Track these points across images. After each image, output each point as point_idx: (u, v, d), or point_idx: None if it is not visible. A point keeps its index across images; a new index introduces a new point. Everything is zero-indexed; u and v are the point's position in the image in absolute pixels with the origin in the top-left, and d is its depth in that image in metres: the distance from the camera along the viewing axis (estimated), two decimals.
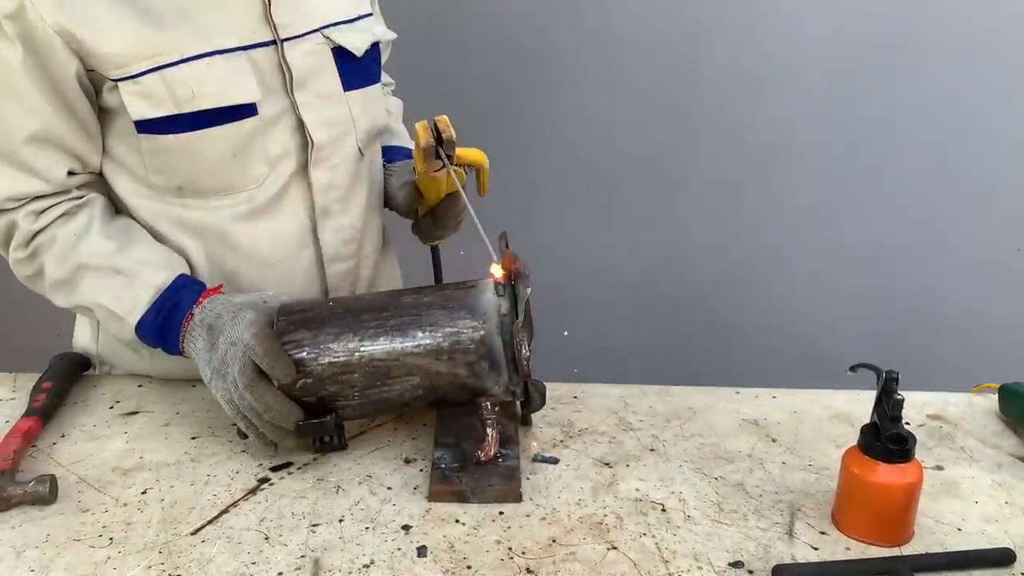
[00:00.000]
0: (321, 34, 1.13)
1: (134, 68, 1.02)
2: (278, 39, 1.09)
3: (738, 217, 2.27)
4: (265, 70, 1.08)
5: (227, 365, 0.98)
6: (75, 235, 1.07)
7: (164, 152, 1.06)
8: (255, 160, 1.10)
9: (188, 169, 1.08)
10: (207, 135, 1.06)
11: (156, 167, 1.08)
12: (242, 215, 1.12)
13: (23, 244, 1.08)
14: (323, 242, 1.18)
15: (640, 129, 2.22)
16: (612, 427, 1.11)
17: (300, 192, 1.15)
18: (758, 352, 2.28)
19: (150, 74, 1.02)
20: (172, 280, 1.06)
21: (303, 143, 1.13)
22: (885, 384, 0.89)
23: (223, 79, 1.05)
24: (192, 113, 1.04)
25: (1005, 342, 2.26)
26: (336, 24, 1.15)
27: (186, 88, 1.03)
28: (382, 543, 0.88)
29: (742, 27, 2.13)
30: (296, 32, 1.10)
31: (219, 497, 0.95)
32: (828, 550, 0.90)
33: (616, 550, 0.88)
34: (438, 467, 0.99)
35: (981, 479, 1.03)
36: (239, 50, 1.06)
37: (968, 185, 2.23)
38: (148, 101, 1.03)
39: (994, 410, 1.19)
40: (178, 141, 1.05)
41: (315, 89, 1.13)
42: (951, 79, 2.14)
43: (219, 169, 1.08)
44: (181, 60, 1.03)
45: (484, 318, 0.99)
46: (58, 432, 1.07)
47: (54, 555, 0.86)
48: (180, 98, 1.03)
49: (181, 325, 1.03)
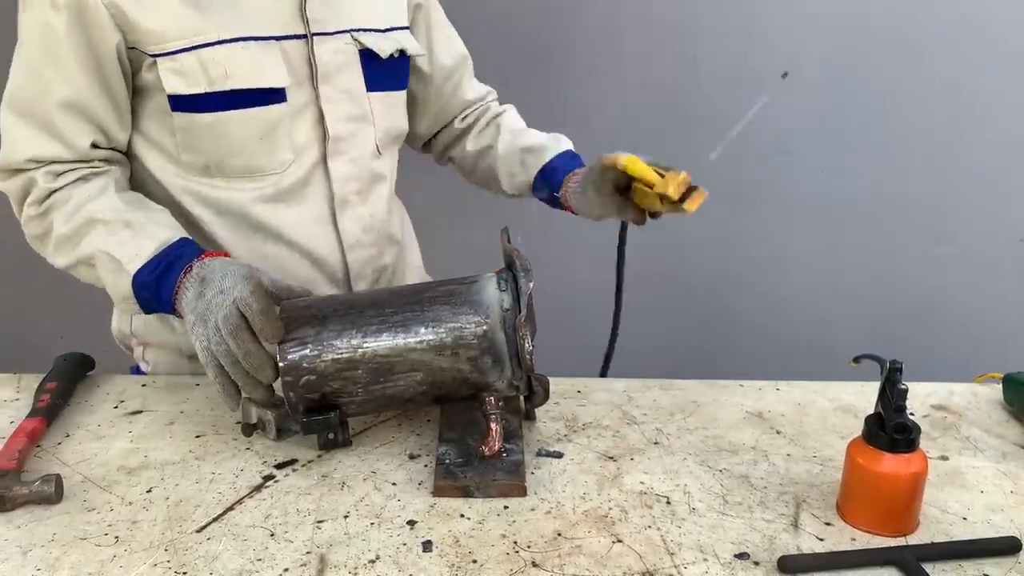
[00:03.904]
0: (351, 35, 1.18)
1: (172, 46, 1.07)
2: (309, 34, 1.14)
3: (740, 212, 2.27)
4: (295, 61, 1.14)
5: (212, 312, 0.98)
6: (89, 196, 1.10)
7: (195, 130, 1.11)
8: (281, 146, 1.15)
9: (217, 148, 1.12)
10: (237, 116, 1.11)
11: (187, 145, 1.12)
12: (267, 197, 1.17)
13: (37, 201, 1.11)
14: (342, 230, 1.23)
15: (640, 126, 2.22)
16: (616, 421, 1.11)
17: (321, 181, 1.20)
18: (761, 345, 2.28)
19: (186, 52, 1.07)
20: (178, 238, 1.08)
21: (324, 134, 1.18)
22: (889, 374, 0.89)
23: (255, 63, 1.10)
24: (223, 93, 1.09)
25: (1008, 332, 2.26)
26: (367, 30, 1.20)
27: (219, 67, 1.08)
28: (387, 538, 0.89)
29: (741, 24, 2.13)
30: (326, 29, 1.15)
31: (224, 495, 0.95)
32: (833, 541, 0.90)
33: (621, 543, 0.88)
34: (442, 462, 0.99)
35: (986, 468, 1.03)
36: (273, 39, 1.12)
37: (969, 176, 2.23)
38: (183, 78, 1.08)
39: (998, 399, 1.19)
40: (209, 119, 1.10)
41: (339, 85, 1.18)
42: (950, 72, 2.14)
43: (246, 151, 1.13)
44: (217, 41, 1.08)
45: (487, 313, 0.99)
46: (63, 432, 1.07)
47: (60, 554, 0.86)
48: (213, 77, 1.08)
49: (179, 277, 1.03)
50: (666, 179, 1.06)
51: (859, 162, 2.23)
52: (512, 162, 1.36)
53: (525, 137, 1.38)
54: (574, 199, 1.26)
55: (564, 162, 1.32)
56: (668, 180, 1.06)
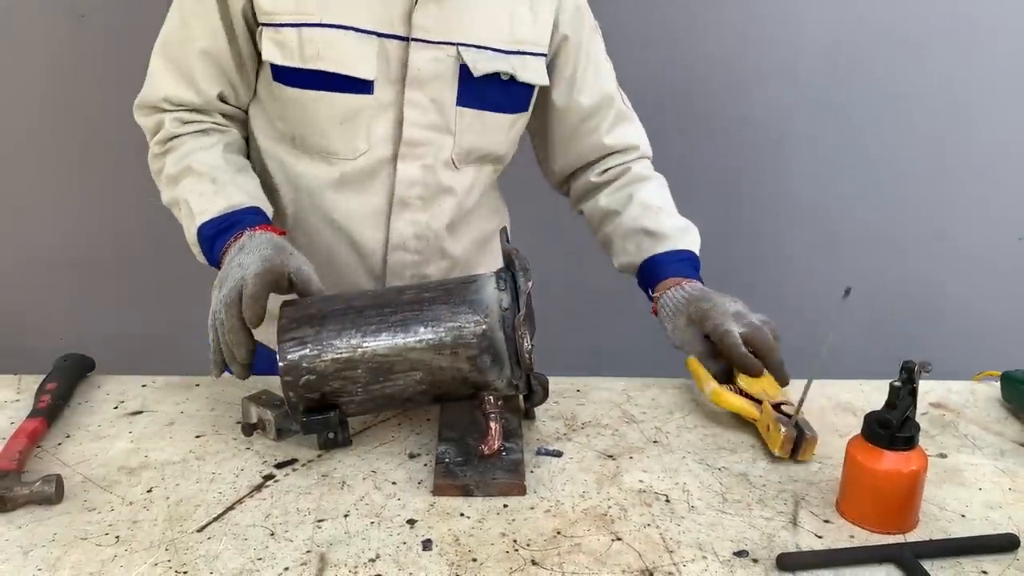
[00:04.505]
0: (457, 48, 1.19)
1: (279, 19, 1.15)
2: (409, 37, 1.17)
3: (738, 210, 2.27)
4: (391, 60, 1.17)
5: (226, 282, 1.05)
6: (200, 147, 1.19)
7: (285, 101, 1.19)
8: (359, 135, 1.20)
9: (301, 122, 1.20)
10: (323, 97, 1.17)
11: (278, 114, 1.22)
12: (334, 180, 1.22)
13: (161, 142, 1.21)
14: (392, 229, 1.25)
15: (642, 123, 2.22)
16: (615, 419, 1.12)
17: (386, 177, 1.23)
18: None
19: (290, 28, 1.15)
20: (248, 205, 1.15)
21: (400, 135, 1.21)
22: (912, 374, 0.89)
23: (348, 51, 1.15)
24: (313, 71, 1.15)
25: (1007, 330, 2.26)
26: (479, 47, 1.20)
27: (314, 47, 1.14)
28: (387, 537, 0.89)
29: (740, 21, 2.13)
30: (429, 37, 1.18)
31: (224, 494, 0.96)
32: (832, 538, 0.90)
33: (621, 541, 0.89)
34: (442, 461, 0.99)
35: (984, 466, 1.03)
36: (374, 35, 1.16)
37: (968, 174, 2.23)
38: (280, 49, 1.16)
39: (996, 397, 1.19)
40: (296, 95, 1.17)
41: (429, 92, 1.20)
42: (951, 70, 2.14)
43: (326, 132, 1.19)
44: (319, 24, 1.13)
45: (486, 312, 0.99)
46: (63, 433, 1.07)
47: (61, 554, 0.86)
48: (307, 54, 1.15)
49: (230, 240, 1.11)
50: (771, 438, 1.04)
51: (858, 161, 2.23)
52: (628, 240, 1.30)
53: (653, 218, 1.30)
54: (663, 313, 1.22)
55: (671, 262, 1.26)
56: (772, 439, 1.03)
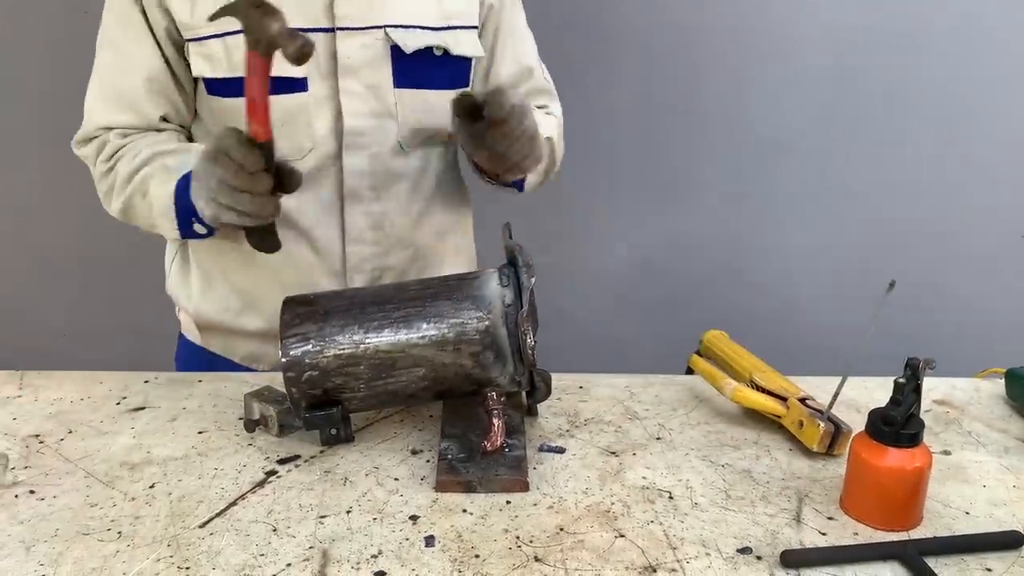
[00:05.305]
0: (384, 31, 1.18)
1: (202, 31, 1.14)
2: (334, 28, 1.16)
3: (742, 207, 2.27)
4: (320, 53, 1.16)
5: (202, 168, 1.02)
6: (155, 140, 1.18)
7: (224, 114, 1.17)
8: (301, 134, 1.18)
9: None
10: None
11: (221, 126, 1.16)
12: None
13: (108, 157, 1.19)
14: (347, 223, 1.23)
15: (644, 121, 2.21)
16: (618, 416, 1.12)
17: (334, 172, 1.21)
18: (763, 341, 2.27)
19: (214, 39, 1.14)
20: None
21: (342, 128, 1.19)
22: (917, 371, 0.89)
23: None
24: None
25: (1010, 327, 2.26)
26: (407, 27, 1.18)
27: (241, 53, 1.10)
28: (390, 533, 0.89)
29: (743, 19, 2.13)
30: (355, 24, 1.17)
31: (227, 490, 0.96)
32: (836, 535, 0.90)
33: (624, 537, 0.88)
34: (445, 458, 0.99)
35: (988, 463, 1.03)
36: (299, 31, 1.11)
37: (971, 171, 2.22)
38: (209, 62, 1.15)
39: (1000, 394, 1.19)
40: (233, 104, 1.15)
41: (364, 80, 1.19)
42: (952, 68, 2.14)
43: None
44: (242, 30, 1.10)
45: (489, 308, 0.99)
46: (65, 428, 1.07)
47: (63, 549, 0.86)
48: (235, 62, 1.14)
49: None
50: (805, 433, 1.03)
51: (860, 158, 2.23)
52: None
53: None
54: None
55: None
56: (808, 435, 1.02)
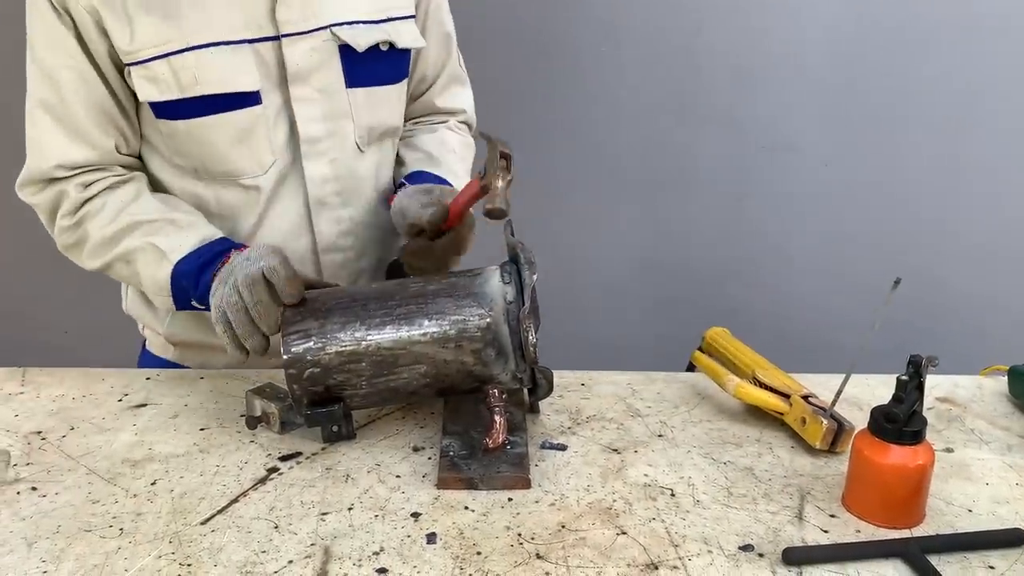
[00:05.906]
0: (330, 31, 1.14)
1: (144, 54, 1.07)
2: (279, 35, 1.11)
3: (744, 205, 2.27)
4: (268, 63, 1.12)
5: (233, 273, 1.02)
6: (125, 200, 1.13)
7: (177, 136, 1.12)
8: (261, 148, 1.14)
9: (199, 154, 1.13)
10: (212, 121, 1.10)
11: (173, 150, 1.14)
12: (247, 200, 1.17)
13: (71, 212, 1.13)
14: (318, 232, 1.21)
15: (645, 120, 2.21)
16: (620, 413, 1.11)
17: (296, 182, 1.18)
18: (765, 338, 2.27)
19: (158, 60, 1.07)
20: (219, 236, 1.12)
21: (298, 136, 1.16)
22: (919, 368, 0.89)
23: (225, 67, 1.08)
24: (197, 99, 1.09)
25: (1013, 324, 2.26)
26: (351, 23, 1.15)
27: (188, 73, 1.07)
28: (392, 530, 0.89)
29: (745, 18, 2.13)
30: (298, 29, 1.12)
31: (228, 487, 0.96)
32: (838, 533, 0.89)
33: (626, 535, 0.88)
34: (446, 455, 0.99)
35: (991, 461, 1.03)
36: (245, 43, 1.10)
37: (974, 169, 2.22)
38: (155, 85, 1.08)
39: (1003, 392, 1.18)
40: (187, 126, 1.11)
41: (315, 84, 1.15)
42: (955, 66, 2.13)
43: (227, 155, 1.13)
44: (186, 48, 1.07)
45: (490, 306, 0.99)
46: (67, 425, 1.07)
47: (65, 546, 0.86)
48: (184, 83, 1.08)
49: (220, 263, 1.07)
50: (808, 430, 1.02)
51: (863, 156, 2.23)
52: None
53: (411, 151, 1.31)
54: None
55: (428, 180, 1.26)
56: (811, 432, 1.02)
